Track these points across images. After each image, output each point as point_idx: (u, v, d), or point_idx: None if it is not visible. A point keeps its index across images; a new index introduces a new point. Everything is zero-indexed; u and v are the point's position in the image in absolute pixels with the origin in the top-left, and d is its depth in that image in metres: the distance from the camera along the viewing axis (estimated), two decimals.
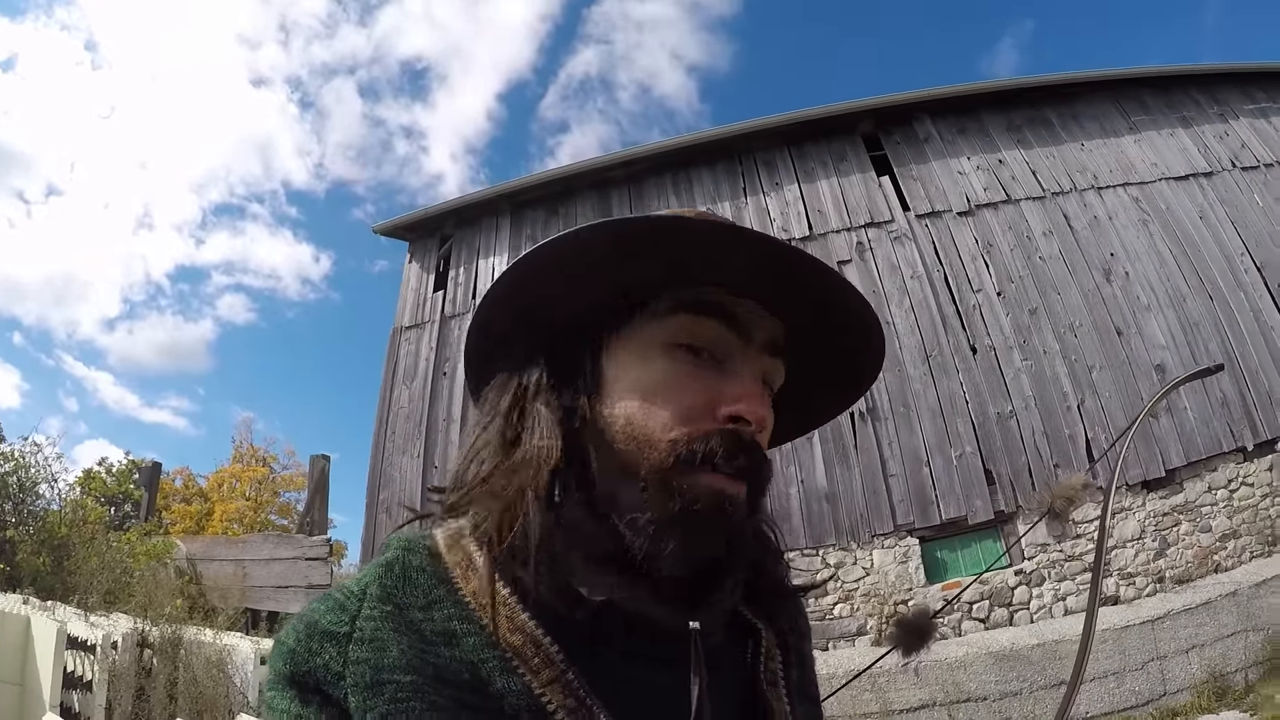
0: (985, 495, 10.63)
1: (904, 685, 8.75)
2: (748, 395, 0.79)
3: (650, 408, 0.78)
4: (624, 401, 0.80)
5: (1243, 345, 11.54)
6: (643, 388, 0.80)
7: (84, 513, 13.18)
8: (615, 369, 0.82)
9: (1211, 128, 13.88)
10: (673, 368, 0.80)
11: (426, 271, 14.38)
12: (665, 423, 0.78)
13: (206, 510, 26.82)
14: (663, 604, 0.76)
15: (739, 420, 0.79)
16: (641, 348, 0.82)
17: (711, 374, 0.81)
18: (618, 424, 0.79)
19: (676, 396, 0.79)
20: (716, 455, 0.76)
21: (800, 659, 0.96)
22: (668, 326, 0.81)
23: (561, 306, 0.84)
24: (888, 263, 12.47)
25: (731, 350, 0.82)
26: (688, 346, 0.81)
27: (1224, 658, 8.65)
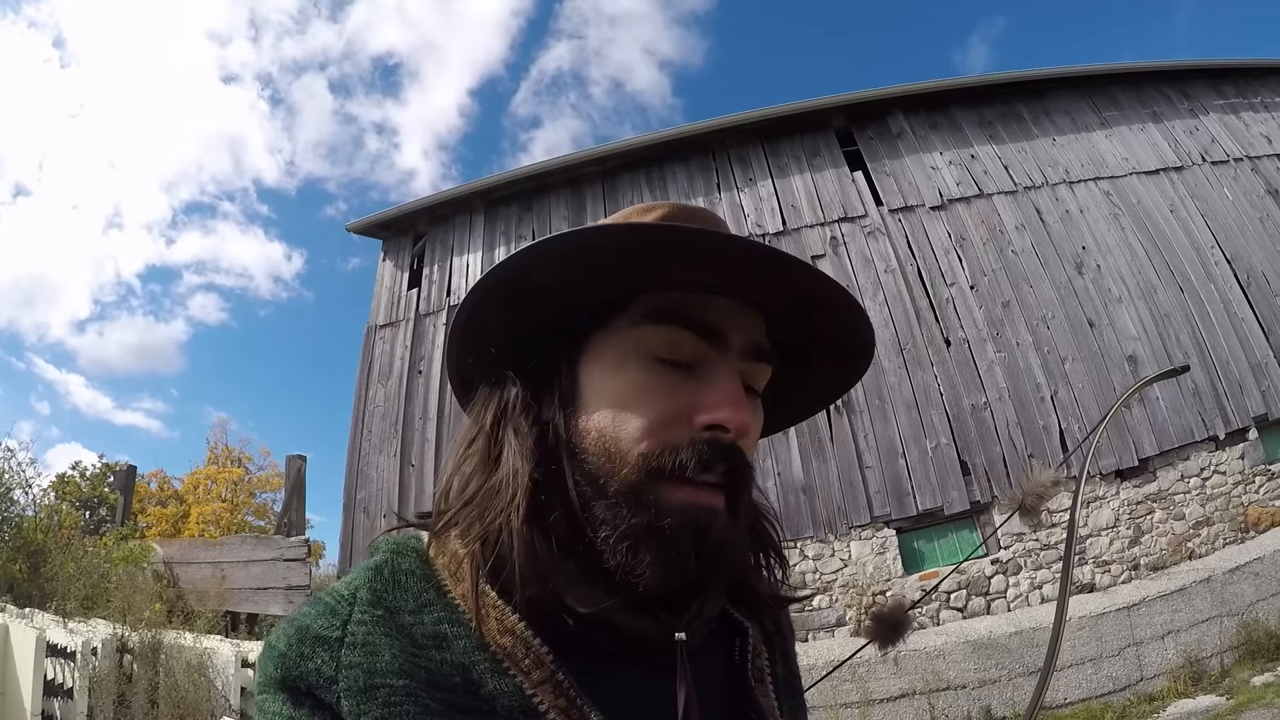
0: (961, 486, 10.68)
1: (884, 675, 8.76)
2: (725, 401, 0.77)
3: (621, 419, 0.77)
4: (598, 414, 0.78)
5: (1213, 336, 11.65)
6: (614, 398, 0.78)
7: (59, 518, 13.07)
8: (590, 380, 0.80)
9: (1182, 123, 14.03)
10: (644, 378, 0.78)
11: (400, 269, 14.32)
12: (636, 434, 0.76)
13: (183, 513, 26.59)
14: (647, 617, 0.76)
15: (716, 428, 0.76)
16: (615, 356, 0.79)
17: (687, 381, 0.78)
18: (590, 437, 0.77)
19: (648, 406, 0.76)
20: (689, 466, 0.74)
21: (784, 655, 0.97)
22: (640, 336, 0.79)
23: (535, 318, 0.82)
24: (861, 257, 12.52)
25: (708, 357, 0.79)
26: (663, 357, 0.78)
27: (1199, 643, 8.71)
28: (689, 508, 0.74)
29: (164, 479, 29.12)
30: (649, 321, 0.78)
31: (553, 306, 0.81)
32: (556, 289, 0.79)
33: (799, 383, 0.96)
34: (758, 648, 0.89)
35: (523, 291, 0.80)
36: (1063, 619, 2.46)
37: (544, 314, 0.81)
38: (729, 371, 0.79)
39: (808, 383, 0.98)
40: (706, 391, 0.77)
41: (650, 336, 0.78)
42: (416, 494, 12.13)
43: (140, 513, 23.41)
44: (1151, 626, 8.86)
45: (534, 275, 0.78)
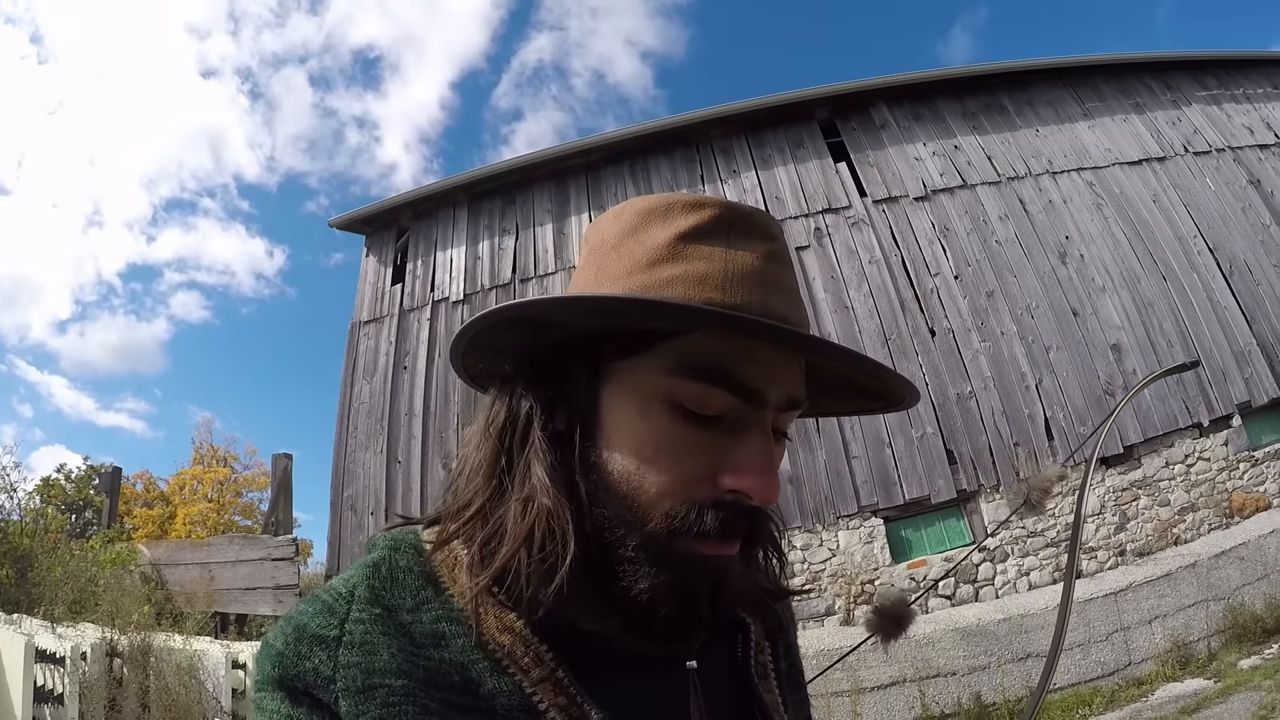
0: (947, 475, 10.70)
1: (874, 663, 8.78)
2: (754, 468, 0.73)
3: (645, 469, 0.73)
4: (620, 454, 0.74)
5: (1196, 325, 11.72)
6: (639, 443, 0.74)
7: (45, 522, 12.97)
8: (613, 410, 0.76)
9: (1164, 114, 14.10)
10: (673, 429, 0.73)
11: (384, 265, 14.28)
12: (659, 490, 0.72)
13: (169, 514, 26.38)
14: (650, 643, 0.76)
15: (739, 493, 0.73)
16: (643, 396, 0.74)
17: (715, 438, 0.74)
18: (613, 476, 0.74)
19: (675, 462, 0.73)
20: (712, 530, 0.72)
21: (788, 649, 0.97)
22: (670, 384, 0.73)
23: (564, 328, 0.77)
24: (845, 248, 12.53)
25: (741, 412, 0.74)
26: (691, 411, 0.73)
27: (1186, 627, 8.77)
28: (709, 562, 0.73)
29: (150, 480, 28.96)
30: (682, 374, 0.73)
31: (572, 333, 0.77)
32: None
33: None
34: (760, 643, 0.90)
35: (539, 322, 0.77)
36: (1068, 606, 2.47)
37: (561, 338, 0.78)
38: (761, 434, 0.75)
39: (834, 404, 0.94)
40: (736, 451, 0.74)
41: (682, 389, 0.73)
42: (404, 490, 12.11)
43: (126, 514, 23.31)
44: (1139, 612, 8.90)
45: (553, 316, 0.76)
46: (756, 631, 0.89)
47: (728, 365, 0.72)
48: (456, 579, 0.75)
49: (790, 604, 1.02)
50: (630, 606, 0.72)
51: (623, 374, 0.75)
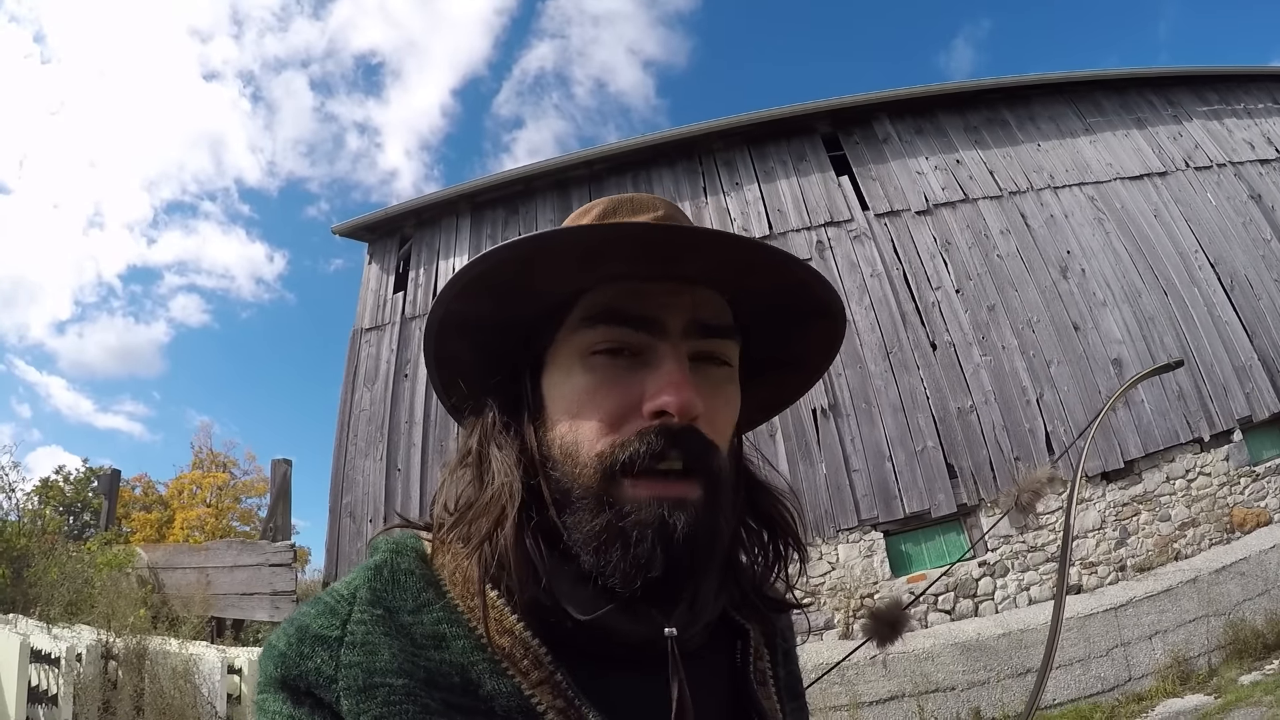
0: (948, 489, 10.69)
1: (873, 677, 8.78)
2: (665, 385, 0.76)
3: (576, 424, 0.78)
4: (558, 422, 0.80)
5: (1197, 339, 11.72)
6: (568, 405, 0.79)
7: (43, 523, 12.95)
8: (549, 391, 0.83)
9: (1165, 129, 14.13)
10: (589, 378, 0.79)
11: (386, 273, 14.27)
12: (591, 436, 0.77)
13: (167, 518, 26.38)
14: (635, 617, 0.76)
15: (663, 414, 0.76)
16: (564, 364, 0.81)
17: (633, 373, 0.79)
18: (555, 446, 0.79)
19: (597, 406, 0.78)
20: (641, 458, 0.74)
21: (786, 657, 0.98)
22: (579, 340, 0.80)
23: (491, 345, 0.86)
24: (847, 261, 12.54)
25: (649, 345, 0.79)
26: (603, 351, 0.79)
27: (1187, 643, 8.76)
28: (651, 502, 0.74)
29: (148, 483, 28.93)
30: (584, 325, 0.80)
31: (500, 331, 0.84)
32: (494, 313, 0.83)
33: (790, 355, 0.97)
34: (759, 650, 0.90)
35: (466, 324, 0.84)
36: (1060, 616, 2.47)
37: (495, 340, 0.85)
38: (670, 354, 0.79)
39: (798, 355, 0.98)
40: (648, 380, 0.78)
41: (587, 338, 0.79)
42: (403, 498, 12.08)
43: (124, 517, 23.29)
44: (1139, 627, 8.90)
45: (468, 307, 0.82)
46: (755, 638, 0.89)
47: (618, 303, 0.79)
48: (457, 581, 0.77)
49: (791, 613, 1.02)
50: (588, 565, 0.74)
51: (552, 355, 0.83)
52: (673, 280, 0.80)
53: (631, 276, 0.79)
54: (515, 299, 0.81)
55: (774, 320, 0.90)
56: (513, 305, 0.82)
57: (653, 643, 0.76)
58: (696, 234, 0.77)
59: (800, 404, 11.21)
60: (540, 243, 0.76)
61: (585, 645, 0.75)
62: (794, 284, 0.86)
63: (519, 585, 0.74)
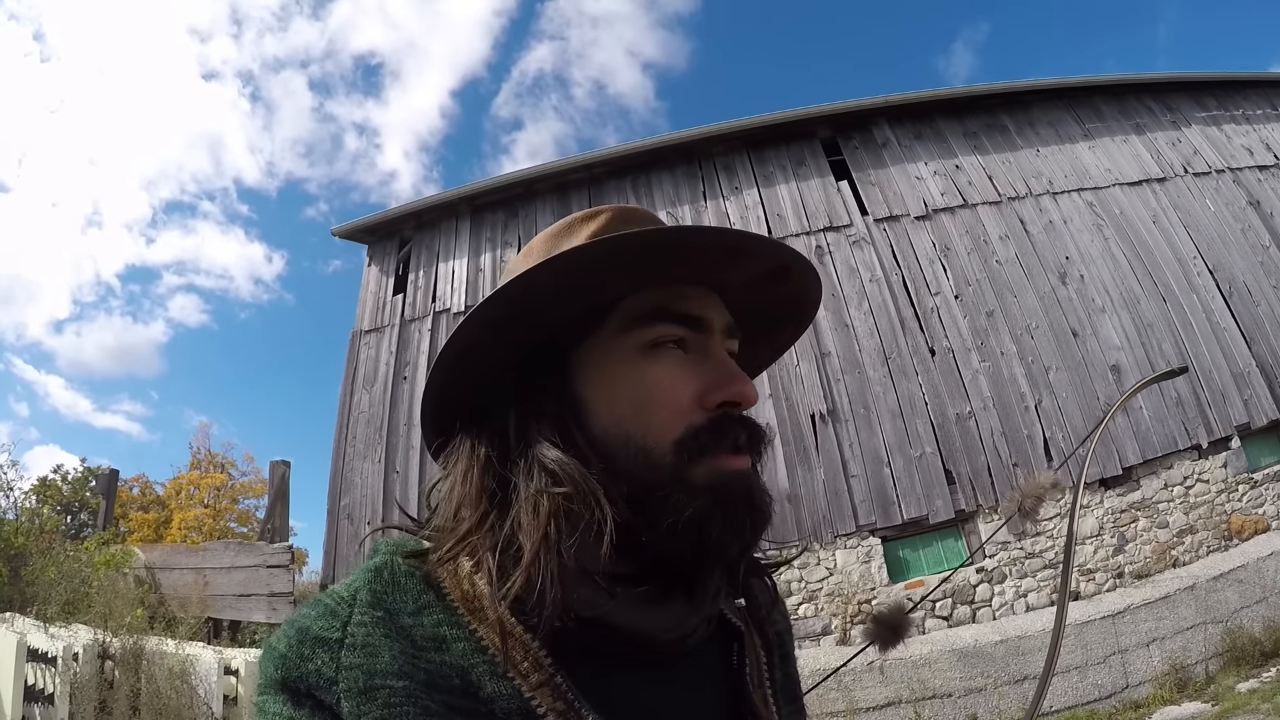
0: (946, 495, 10.70)
1: (870, 684, 8.78)
2: (732, 379, 0.81)
3: (647, 415, 0.79)
4: (617, 415, 0.80)
5: (1196, 346, 11.73)
6: (632, 397, 0.80)
7: (41, 521, 12.93)
8: (595, 385, 0.82)
9: (1164, 134, 14.14)
10: (656, 371, 0.80)
11: (386, 275, 14.27)
12: (664, 425, 0.79)
13: (165, 518, 26.34)
14: (657, 608, 0.78)
15: (726, 404, 0.80)
16: (617, 359, 0.82)
17: (693, 365, 0.82)
18: (618, 436, 0.79)
19: (666, 398, 0.80)
20: (715, 443, 0.78)
21: (784, 659, 0.98)
22: (636, 338, 0.81)
23: (518, 343, 0.84)
24: (846, 266, 12.56)
25: (699, 343, 0.83)
26: (668, 342, 0.82)
27: (1184, 650, 8.76)
28: (732, 474, 0.79)
29: (146, 484, 28.86)
30: (639, 324, 0.81)
31: (528, 332, 0.83)
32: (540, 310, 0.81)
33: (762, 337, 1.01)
34: (755, 651, 0.90)
35: (507, 323, 0.82)
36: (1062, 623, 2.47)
37: (528, 335, 0.83)
38: (719, 351, 0.85)
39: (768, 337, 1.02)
40: (710, 373, 0.82)
41: (647, 334, 0.81)
42: (401, 500, 12.03)
43: (122, 517, 23.25)
44: (1136, 634, 8.90)
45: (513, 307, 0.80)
46: (751, 640, 0.90)
47: (669, 304, 0.82)
48: (457, 584, 0.76)
49: (787, 614, 1.05)
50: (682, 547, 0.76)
51: (589, 357, 0.82)
52: (707, 285, 0.86)
53: (670, 280, 0.83)
54: (564, 301, 0.81)
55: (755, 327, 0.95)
56: (557, 308, 0.82)
57: (657, 640, 0.77)
58: (750, 238, 0.83)
59: (799, 409, 11.26)
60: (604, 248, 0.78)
61: (586, 646, 0.75)
62: (797, 292, 0.94)
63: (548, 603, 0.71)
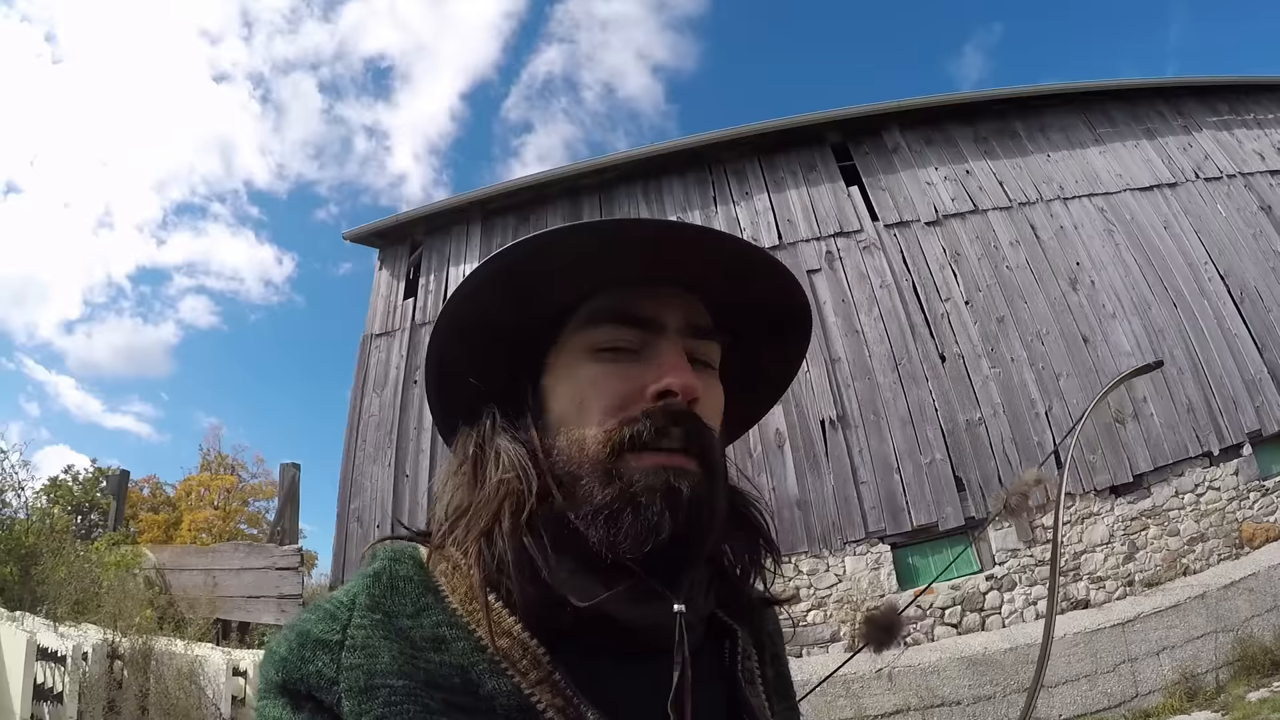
0: (955, 502, 10.68)
1: (878, 691, 8.77)
2: (670, 368, 0.82)
3: (582, 410, 0.82)
4: (562, 413, 0.84)
5: (1207, 352, 11.70)
6: (573, 396, 0.84)
7: (51, 521, 12.95)
8: (551, 388, 0.87)
9: (1175, 139, 14.11)
10: (596, 368, 0.84)
11: (397, 279, 14.30)
12: (597, 418, 0.81)
13: (175, 519, 26.37)
14: (643, 603, 0.78)
15: (667, 395, 0.81)
16: (568, 361, 0.86)
17: (635, 365, 0.84)
18: (559, 435, 0.83)
19: (602, 392, 0.82)
20: (647, 435, 0.79)
21: (775, 658, 0.99)
22: (583, 338, 0.85)
23: (493, 353, 0.89)
24: (856, 272, 12.54)
25: (649, 341, 0.85)
26: (608, 347, 0.84)
27: (1194, 659, 8.74)
28: (657, 469, 0.78)
29: (156, 485, 28.85)
30: (588, 325, 0.85)
31: (505, 337, 0.88)
32: (505, 317, 0.86)
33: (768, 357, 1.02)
34: (747, 650, 0.91)
35: (469, 328, 0.88)
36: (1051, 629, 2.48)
37: (494, 346, 0.88)
38: (670, 345, 0.84)
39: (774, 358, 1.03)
40: (652, 366, 0.83)
41: (592, 336, 0.84)
42: (411, 504, 12.09)
43: (132, 518, 23.24)
44: (1146, 643, 8.88)
45: (478, 313, 0.86)
46: (744, 639, 0.91)
47: (622, 305, 0.84)
48: (455, 586, 0.79)
49: (776, 615, 1.06)
50: (598, 538, 0.77)
51: (553, 358, 0.87)
52: (671, 285, 0.87)
53: (636, 279, 0.85)
54: (524, 303, 0.85)
55: (749, 333, 0.96)
56: (520, 309, 0.86)
57: (654, 629, 0.79)
58: (707, 232, 0.83)
59: (809, 415, 11.25)
60: (556, 237, 0.81)
61: (584, 641, 0.77)
62: (777, 291, 0.93)
63: (517, 580, 0.76)
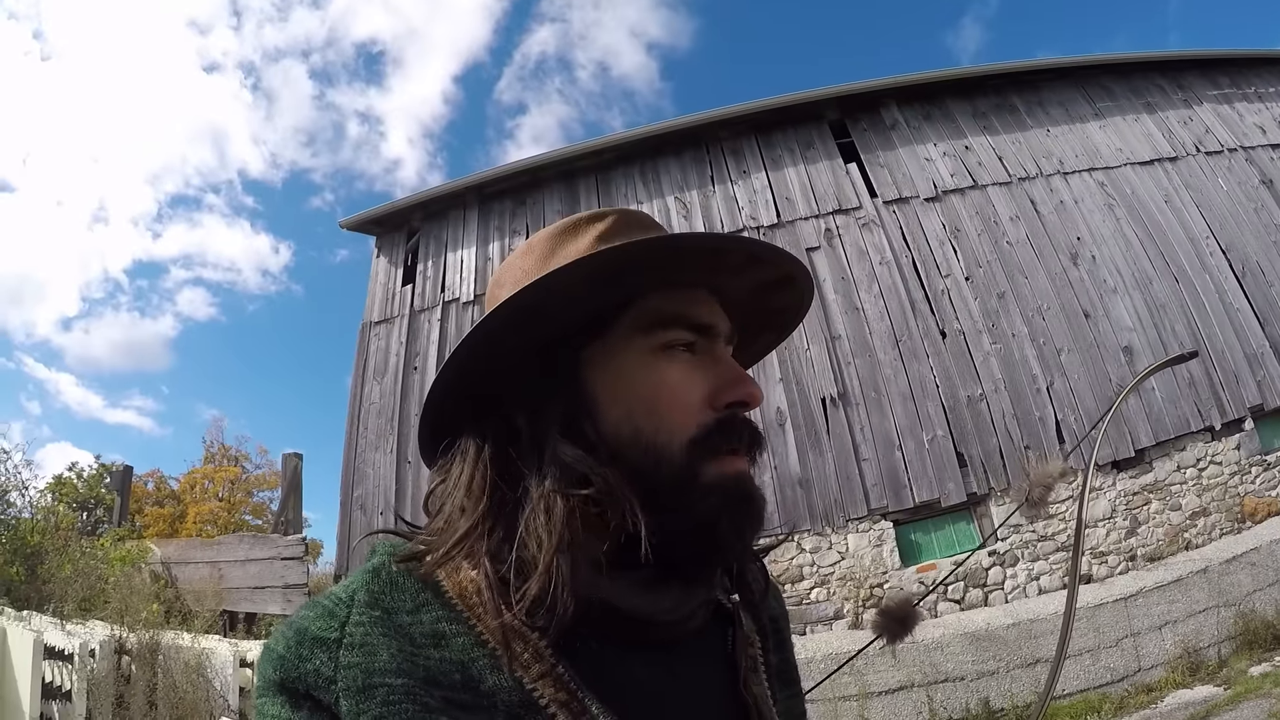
0: (957, 478, 10.68)
1: (882, 668, 8.78)
2: (743, 380, 0.84)
3: (659, 415, 0.80)
4: (629, 414, 0.80)
5: (1209, 327, 11.67)
6: (646, 397, 0.81)
7: (56, 519, 12.99)
8: (608, 385, 0.82)
9: (1176, 113, 14.04)
10: (671, 372, 0.82)
11: (394, 265, 14.28)
12: (676, 426, 0.80)
13: (180, 512, 26.53)
14: (648, 590, 0.78)
15: (736, 404, 0.83)
16: (632, 360, 0.82)
17: (701, 370, 0.83)
18: (629, 435, 0.80)
19: (678, 399, 0.81)
20: (724, 444, 0.80)
21: (780, 643, 0.99)
22: (650, 340, 0.82)
23: (526, 344, 0.83)
24: (856, 249, 12.50)
25: (705, 348, 0.85)
26: (679, 345, 0.83)
27: (1197, 634, 8.74)
28: (738, 475, 0.81)
29: (160, 479, 29.04)
30: (654, 327, 0.82)
31: (543, 330, 0.83)
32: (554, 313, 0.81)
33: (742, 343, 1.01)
34: (750, 636, 0.91)
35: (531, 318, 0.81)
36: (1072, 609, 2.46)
37: (535, 337, 0.83)
38: (728, 356, 0.87)
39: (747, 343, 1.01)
40: (718, 376, 0.84)
41: (661, 338, 0.82)
42: (414, 491, 12.11)
43: (137, 513, 23.36)
44: (1149, 617, 8.88)
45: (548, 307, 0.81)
46: (746, 624, 0.91)
47: (684, 310, 0.84)
48: (457, 582, 0.77)
49: (782, 599, 1.07)
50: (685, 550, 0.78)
51: (599, 357, 0.83)
52: (710, 292, 0.87)
53: (680, 284, 0.85)
54: (591, 298, 0.82)
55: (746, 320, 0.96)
56: (584, 304, 0.82)
57: (659, 620, 0.79)
58: (769, 248, 0.86)
59: (810, 393, 11.25)
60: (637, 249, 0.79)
61: (587, 633, 0.75)
62: (795, 302, 0.96)
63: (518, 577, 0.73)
